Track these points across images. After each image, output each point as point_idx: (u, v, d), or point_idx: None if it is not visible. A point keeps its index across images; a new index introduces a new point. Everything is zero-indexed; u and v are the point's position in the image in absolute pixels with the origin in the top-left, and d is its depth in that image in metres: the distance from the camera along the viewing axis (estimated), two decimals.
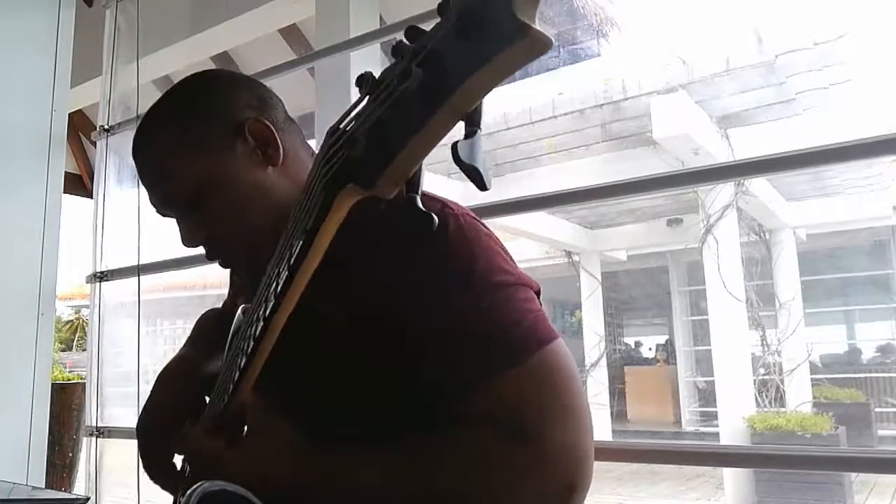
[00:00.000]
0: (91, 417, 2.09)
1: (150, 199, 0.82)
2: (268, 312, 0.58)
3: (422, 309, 0.66)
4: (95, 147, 2.35)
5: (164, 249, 1.95)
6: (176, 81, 0.87)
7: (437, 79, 0.37)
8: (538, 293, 0.71)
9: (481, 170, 0.38)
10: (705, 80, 5.53)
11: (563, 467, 0.61)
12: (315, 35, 2.67)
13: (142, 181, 0.82)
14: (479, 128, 0.39)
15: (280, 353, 0.62)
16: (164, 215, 0.84)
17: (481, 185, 0.38)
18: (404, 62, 0.39)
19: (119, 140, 2.24)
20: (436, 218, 0.43)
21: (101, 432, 2.06)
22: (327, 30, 2.40)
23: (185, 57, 3.02)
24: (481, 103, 0.39)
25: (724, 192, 6.28)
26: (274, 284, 0.57)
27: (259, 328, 0.60)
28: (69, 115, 2.11)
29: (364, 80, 0.44)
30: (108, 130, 2.25)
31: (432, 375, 0.66)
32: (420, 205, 0.43)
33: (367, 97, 0.43)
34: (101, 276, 2.15)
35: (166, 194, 0.80)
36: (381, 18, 2.54)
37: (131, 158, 0.83)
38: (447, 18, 0.37)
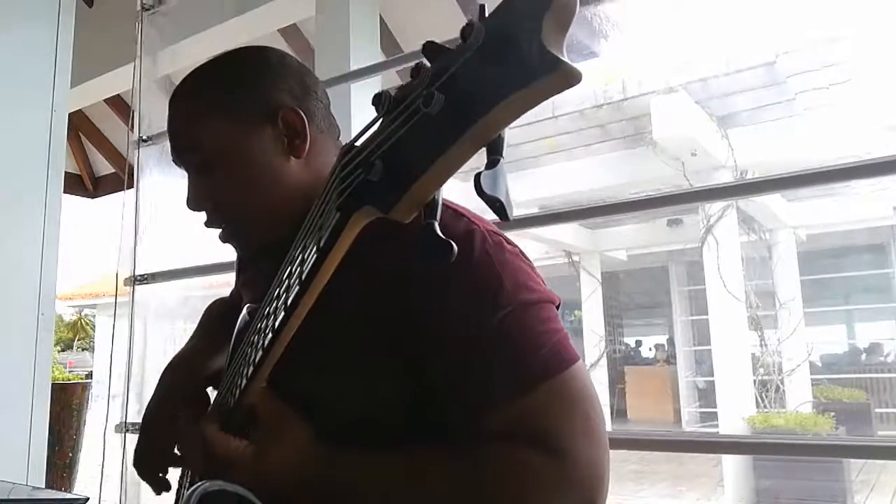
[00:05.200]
0: (120, 413, 2.16)
1: (171, 147, 0.82)
2: (277, 323, 0.58)
3: (445, 327, 0.65)
4: (96, 148, 2.39)
5: (202, 254, 2.01)
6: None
7: (460, 106, 0.36)
8: (558, 307, 0.71)
9: (504, 201, 0.37)
10: (705, 80, 5.53)
11: (588, 484, 0.61)
12: (315, 35, 2.67)
13: (168, 127, 0.82)
14: (502, 156, 0.38)
15: (289, 359, 0.62)
16: (179, 166, 0.84)
17: (503, 216, 0.37)
18: (425, 85, 0.38)
19: (153, 150, 2.31)
20: (454, 246, 0.41)
21: (132, 428, 2.12)
22: (327, 30, 2.40)
23: (186, 57, 3.02)
24: (504, 131, 0.38)
25: None
26: (284, 295, 0.57)
27: (268, 339, 0.59)
28: (69, 115, 2.12)
29: (381, 99, 0.43)
30: (145, 141, 2.29)
31: (455, 391, 0.65)
32: (438, 232, 0.41)
33: (385, 116, 0.42)
34: (139, 279, 2.23)
35: (184, 148, 0.80)
36: (380, 18, 2.54)
37: (160, 167, 0.83)
38: (471, 42, 0.36)
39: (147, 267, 2.25)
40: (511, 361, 0.64)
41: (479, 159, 0.40)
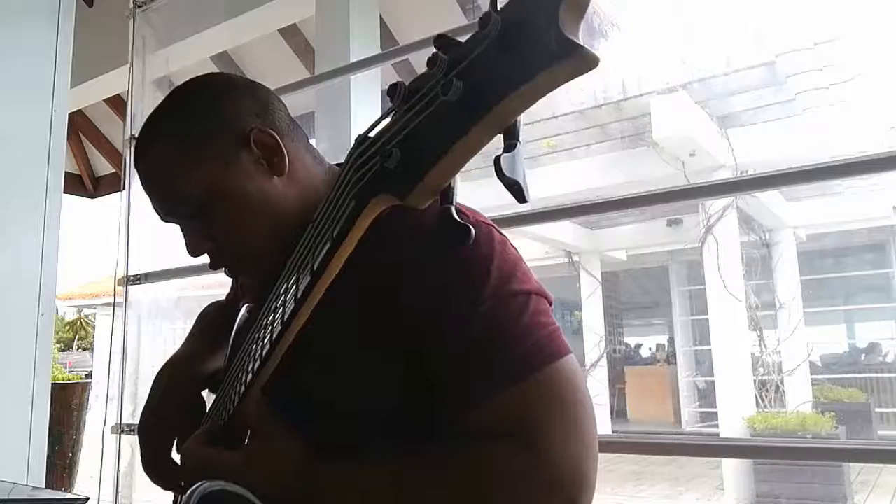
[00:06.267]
0: (116, 414, 2.15)
1: (154, 207, 0.80)
2: (286, 316, 0.57)
3: (433, 316, 0.65)
4: (96, 148, 2.39)
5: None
6: (176, 82, 0.86)
7: (477, 92, 0.37)
8: (551, 304, 0.70)
9: (522, 183, 0.38)
10: (705, 80, 5.53)
11: (570, 483, 0.60)
12: (315, 35, 2.67)
13: (144, 190, 0.80)
14: (519, 140, 0.39)
15: (290, 351, 0.62)
16: (167, 222, 0.82)
17: (521, 198, 0.38)
18: (442, 73, 0.39)
19: None
20: (473, 230, 0.42)
21: (127, 430, 2.11)
22: (327, 30, 2.40)
23: (185, 57, 3.01)
24: (520, 116, 0.38)
25: None
26: (294, 287, 0.57)
27: (277, 332, 0.59)
28: (69, 115, 2.12)
29: (397, 90, 0.43)
30: (135, 139, 2.29)
31: (441, 384, 0.65)
32: (456, 216, 0.42)
33: (400, 106, 0.43)
34: (132, 280, 2.22)
35: (169, 205, 0.78)
36: (380, 19, 2.54)
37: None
38: (488, 30, 0.37)
39: (142, 266, 2.24)
40: (499, 351, 0.63)
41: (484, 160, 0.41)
